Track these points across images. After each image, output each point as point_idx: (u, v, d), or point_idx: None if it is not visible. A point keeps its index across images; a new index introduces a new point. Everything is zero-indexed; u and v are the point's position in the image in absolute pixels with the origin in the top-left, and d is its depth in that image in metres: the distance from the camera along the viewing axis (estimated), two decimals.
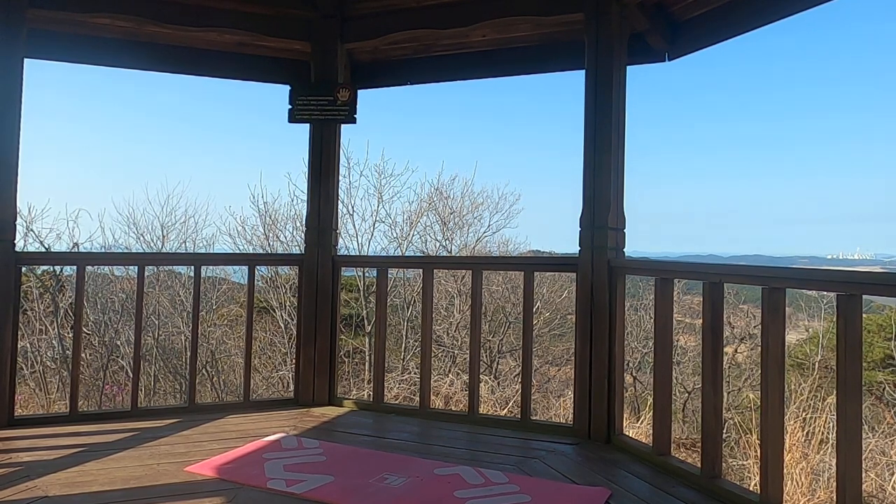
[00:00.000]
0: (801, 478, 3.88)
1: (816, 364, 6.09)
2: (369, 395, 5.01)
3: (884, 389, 6.45)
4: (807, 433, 4.33)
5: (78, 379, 3.75)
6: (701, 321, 2.95)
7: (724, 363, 4.15)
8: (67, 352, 6.00)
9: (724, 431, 4.89)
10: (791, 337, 7.70)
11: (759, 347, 2.64)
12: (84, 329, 5.83)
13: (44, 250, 6.17)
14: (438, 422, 3.76)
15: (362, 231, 7.39)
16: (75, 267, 3.89)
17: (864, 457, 2.69)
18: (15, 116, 3.45)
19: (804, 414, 4.51)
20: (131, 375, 4.06)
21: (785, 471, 2.95)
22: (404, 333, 7.02)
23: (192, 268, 4.07)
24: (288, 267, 6.88)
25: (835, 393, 2.23)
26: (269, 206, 7.47)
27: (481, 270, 4.00)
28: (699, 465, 2.79)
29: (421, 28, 3.89)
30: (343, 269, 4.40)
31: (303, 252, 4.21)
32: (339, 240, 4.38)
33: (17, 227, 3.52)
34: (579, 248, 3.47)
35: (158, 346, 6.53)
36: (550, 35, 3.94)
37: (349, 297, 7.41)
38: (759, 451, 2.75)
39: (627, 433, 3.41)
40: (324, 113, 4.05)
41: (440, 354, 6.99)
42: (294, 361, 4.49)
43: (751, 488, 3.05)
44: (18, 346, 3.59)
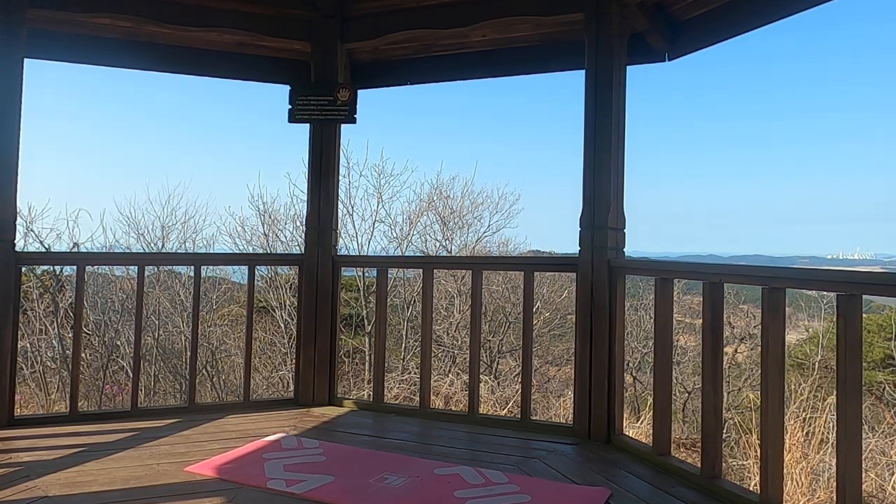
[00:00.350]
0: (801, 478, 3.88)
1: (816, 364, 6.09)
2: (369, 395, 5.01)
3: (884, 389, 6.45)
4: (807, 433, 4.33)
5: (78, 379, 3.75)
6: (701, 321, 2.95)
7: (724, 363, 4.15)
8: (67, 352, 6.00)
9: (724, 431, 4.89)
10: (791, 337, 7.70)
11: (759, 347, 2.64)
12: (84, 329, 5.83)
13: (44, 250, 6.16)
14: (438, 422, 3.76)
15: (362, 231, 7.40)
16: (75, 267, 3.89)
17: (864, 457, 2.69)
18: (15, 116, 3.45)
19: (804, 414, 4.51)
20: (131, 375, 4.06)
21: (785, 471, 2.95)
22: (404, 333, 7.02)
23: (192, 268, 4.07)
24: (288, 267, 6.89)
25: (835, 393, 2.23)
26: (269, 206, 7.48)
27: (481, 270, 4.00)
28: (699, 465, 2.79)
29: (421, 28, 3.89)
30: (343, 269, 4.40)
31: (303, 252, 4.21)
32: (339, 240, 4.38)
33: (17, 227, 3.52)
34: (579, 248, 3.47)
35: (158, 346, 6.53)
36: (550, 35, 3.94)
37: (349, 297, 7.41)
38: (759, 451, 2.75)
39: (627, 433, 3.41)
40: (324, 113, 4.05)
41: (440, 354, 6.99)
42: (294, 361, 4.49)
43: (751, 488, 3.05)
44: (18, 346, 3.59)
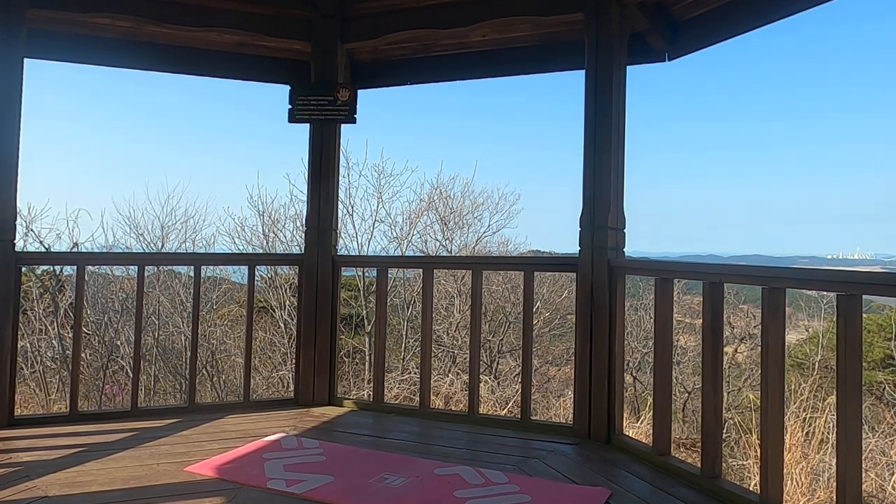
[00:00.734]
0: (801, 478, 3.88)
1: (816, 364, 6.09)
2: (369, 395, 5.01)
3: (884, 389, 6.45)
4: (807, 433, 4.33)
5: (78, 379, 3.75)
6: (701, 321, 2.95)
7: (724, 363, 4.15)
8: (67, 352, 6.00)
9: (724, 431, 4.89)
10: (791, 337, 7.70)
11: (759, 347, 2.64)
12: (84, 329, 5.83)
13: (44, 250, 6.16)
14: (438, 422, 3.76)
15: (362, 231, 7.40)
16: (75, 267, 3.89)
17: (864, 457, 2.69)
18: (15, 116, 3.45)
19: (804, 414, 4.51)
20: (131, 375, 4.06)
21: (785, 471, 2.95)
22: (404, 333, 7.02)
23: (192, 268, 4.07)
24: (288, 267, 6.89)
25: (835, 393, 2.23)
26: (269, 206, 7.48)
27: (481, 270, 4.00)
28: (699, 465, 2.79)
29: (421, 28, 3.89)
30: (343, 269, 4.40)
31: (303, 252, 4.21)
32: (339, 240, 4.38)
33: (17, 227, 3.52)
34: (579, 248, 3.47)
35: (158, 346, 6.53)
36: (550, 35, 3.94)
37: (349, 297, 7.41)
38: (759, 451, 2.75)
39: (627, 433, 3.41)
40: (324, 113, 4.05)
41: (440, 354, 6.99)
42: (294, 361, 4.49)
43: (751, 488, 3.05)
44: (18, 346, 3.59)
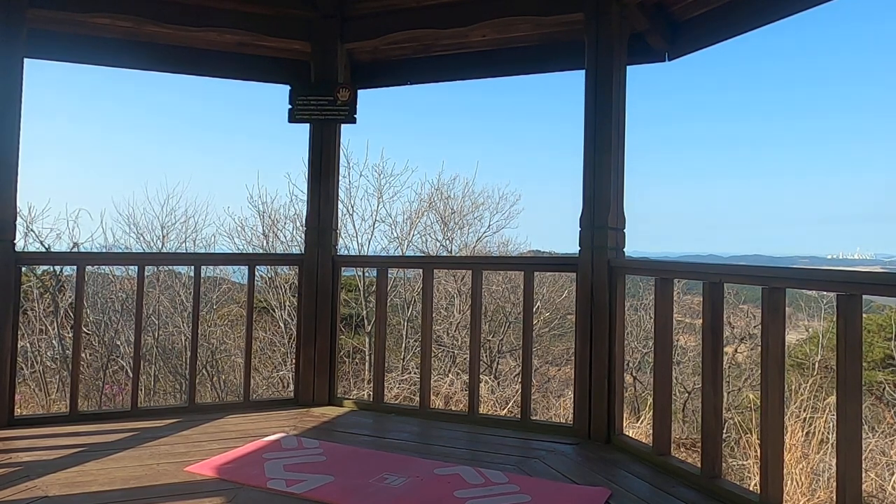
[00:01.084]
0: (801, 478, 3.88)
1: (816, 364, 6.10)
2: (369, 395, 5.01)
3: (884, 389, 6.45)
4: (807, 433, 4.33)
5: (78, 379, 3.75)
6: (701, 321, 2.95)
7: (724, 363, 4.15)
8: (67, 352, 6.00)
9: (724, 431, 4.89)
10: (791, 337, 7.70)
11: (759, 347, 2.64)
12: (84, 329, 5.83)
13: (44, 250, 6.17)
14: (438, 422, 3.76)
15: (362, 231, 7.40)
16: (75, 267, 3.89)
17: (864, 457, 2.69)
18: (15, 116, 3.45)
19: (804, 414, 4.51)
20: (131, 375, 4.06)
21: (785, 471, 2.95)
22: (404, 333, 7.02)
23: (192, 268, 4.07)
24: (288, 267, 6.89)
25: (835, 393, 2.23)
26: (269, 206, 7.49)
27: (481, 270, 4.00)
28: (699, 465, 2.79)
29: (421, 28, 3.89)
30: (343, 269, 4.40)
31: (303, 252, 4.21)
32: (339, 240, 4.38)
33: (17, 227, 3.52)
34: (579, 248, 3.47)
35: (158, 346, 6.53)
36: (550, 35, 3.94)
37: (349, 297, 7.41)
38: (759, 451, 2.75)
39: (627, 433, 3.41)
40: (324, 113, 4.05)
41: (440, 354, 6.99)
42: (294, 361, 4.49)
43: (751, 488, 3.05)
44: (18, 346, 3.59)
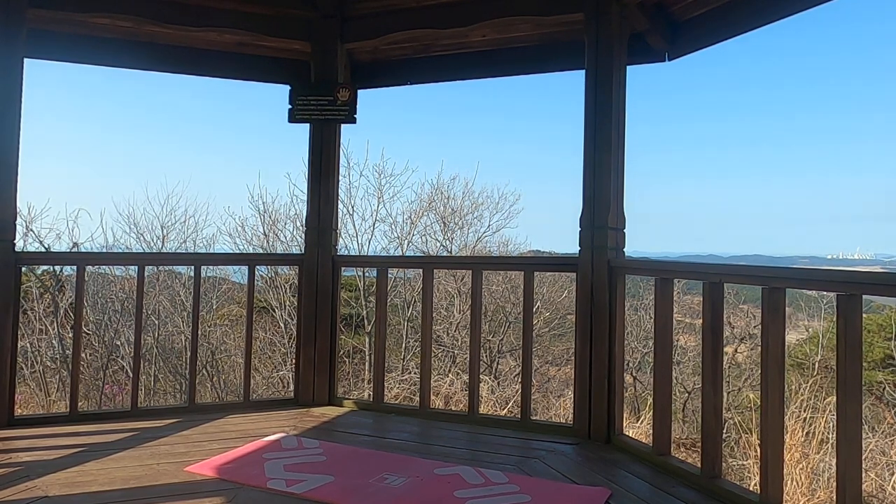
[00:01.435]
0: (801, 478, 3.88)
1: (816, 364, 6.10)
2: (369, 395, 5.01)
3: (884, 389, 6.45)
4: (807, 433, 4.32)
5: (78, 379, 3.75)
6: (701, 321, 2.94)
7: (724, 363, 4.15)
8: (67, 352, 6.00)
9: (724, 431, 4.89)
10: (791, 337, 7.70)
11: (759, 347, 2.64)
12: (84, 329, 5.83)
13: (44, 250, 6.16)
14: (438, 422, 3.76)
15: (362, 231, 7.40)
16: (75, 267, 3.89)
17: (864, 457, 2.69)
18: (15, 116, 3.45)
19: (804, 414, 4.51)
20: (131, 375, 4.06)
21: (785, 471, 2.95)
22: (404, 333, 7.02)
23: (192, 268, 4.07)
24: (288, 267, 6.89)
25: (835, 393, 2.23)
26: (269, 206, 7.49)
27: (481, 270, 4.00)
28: (699, 465, 2.79)
29: (421, 28, 3.89)
30: (343, 269, 4.40)
31: (303, 252, 4.21)
32: (339, 240, 4.38)
33: (17, 227, 3.52)
34: (579, 248, 3.47)
35: (158, 346, 6.53)
36: (550, 35, 3.94)
37: (349, 297, 7.41)
38: (759, 451, 2.75)
39: (627, 433, 3.41)
40: (324, 113, 4.05)
41: (440, 354, 6.99)
42: (294, 361, 4.49)
43: (751, 488, 3.05)
44: (18, 346, 3.59)
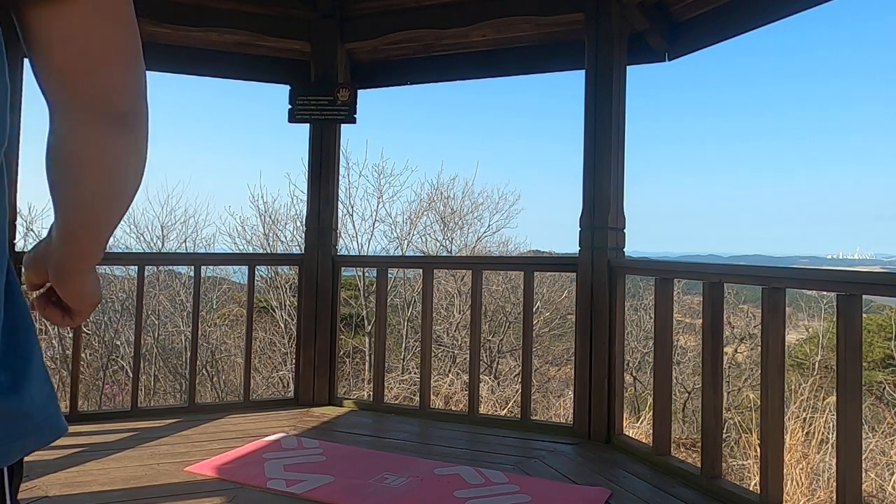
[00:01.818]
0: (801, 478, 3.88)
1: (816, 364, 6.09)
2: (369, 395, 5.01)
3: (884, 389, 6.44)
4: (807, 433, 4.33)
5: (78, 379, 3.75)
6: (701, 321, 2.95)
7: (724, 363, 4.15)
8: (67, 352, 6.00)
9: (724, 431, 4.88)
10: (791, 337, 7.70)
11: (759, 347, 2.64)
12: (84, 329, 5.82)
13: None
14: (438, 422, 3.76)
15: (362, 231, 7.41)
16: None
17: (864, 457, 2.69)
18: (15, 116, 3.45)
19: (804, 414, 4.51)
20: (131, 375, 4.06)
21: (785, 471, 2.95)
22: (404, 333, 7.02)
23: (192, 268, 4.07)
24: (288, 267, 6.89)
25: (835, 393, 2.23)
26: (269, 206, 7.50)
27: (481, 270, 4.00)
28: (699, 465, 2.79)
29: (421, 28, 3.89)
30: (343, 268, 4.40)
31: (303, 252, 4.21)
32: (339, 240, 4.38)
33: (17, 227, 3.52)
34: (579, 248, 3.47)
35: (158, 346, 6.53)
36: (550, 35, 3.94)
37: (349, 297, 7.41)
38: (759, 451, 2.75)
39: (627, 433, 3.41)
40: (324, 113, 4.05)
41: (440, 354, 6.99)
42: (294, 361, 4.49)
43: (751, 488, 3.05)
44: None
